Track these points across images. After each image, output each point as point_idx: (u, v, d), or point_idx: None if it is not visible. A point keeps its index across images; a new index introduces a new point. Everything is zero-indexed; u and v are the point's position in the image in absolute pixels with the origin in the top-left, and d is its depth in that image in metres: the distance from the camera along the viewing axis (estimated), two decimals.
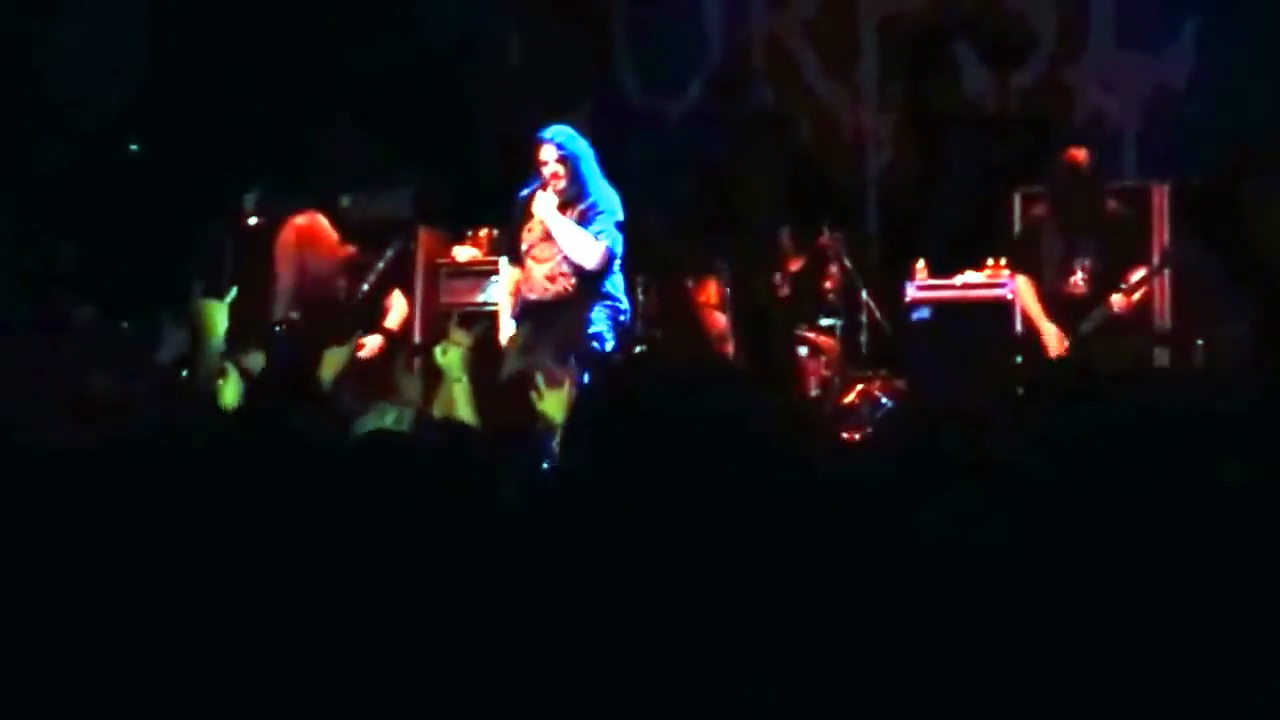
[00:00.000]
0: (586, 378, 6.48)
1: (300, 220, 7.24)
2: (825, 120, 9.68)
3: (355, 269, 7.25)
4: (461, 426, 4.78)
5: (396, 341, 7.42)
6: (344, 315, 7.16)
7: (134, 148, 8.70)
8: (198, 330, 7.30)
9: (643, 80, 10.07)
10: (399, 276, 7.47)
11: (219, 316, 7.31)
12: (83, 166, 8.98)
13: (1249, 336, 7.64)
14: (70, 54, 9.15)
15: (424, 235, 8.72)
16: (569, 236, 6.71)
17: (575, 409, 2.66)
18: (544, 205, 6.74)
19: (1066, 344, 7.25)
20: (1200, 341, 7.76)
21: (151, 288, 8.17)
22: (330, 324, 7.10)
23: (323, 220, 7.29)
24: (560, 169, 6.76)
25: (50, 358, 7.61)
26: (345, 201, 8.08)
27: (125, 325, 8.16)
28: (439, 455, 2.55)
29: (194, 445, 2.50)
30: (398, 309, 7.41)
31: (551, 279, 6.81)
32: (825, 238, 8.61)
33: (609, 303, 6.81)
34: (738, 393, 2.19)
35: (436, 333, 7.91)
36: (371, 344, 7.26)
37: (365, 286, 7.18)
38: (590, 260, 6.72)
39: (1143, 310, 7.51)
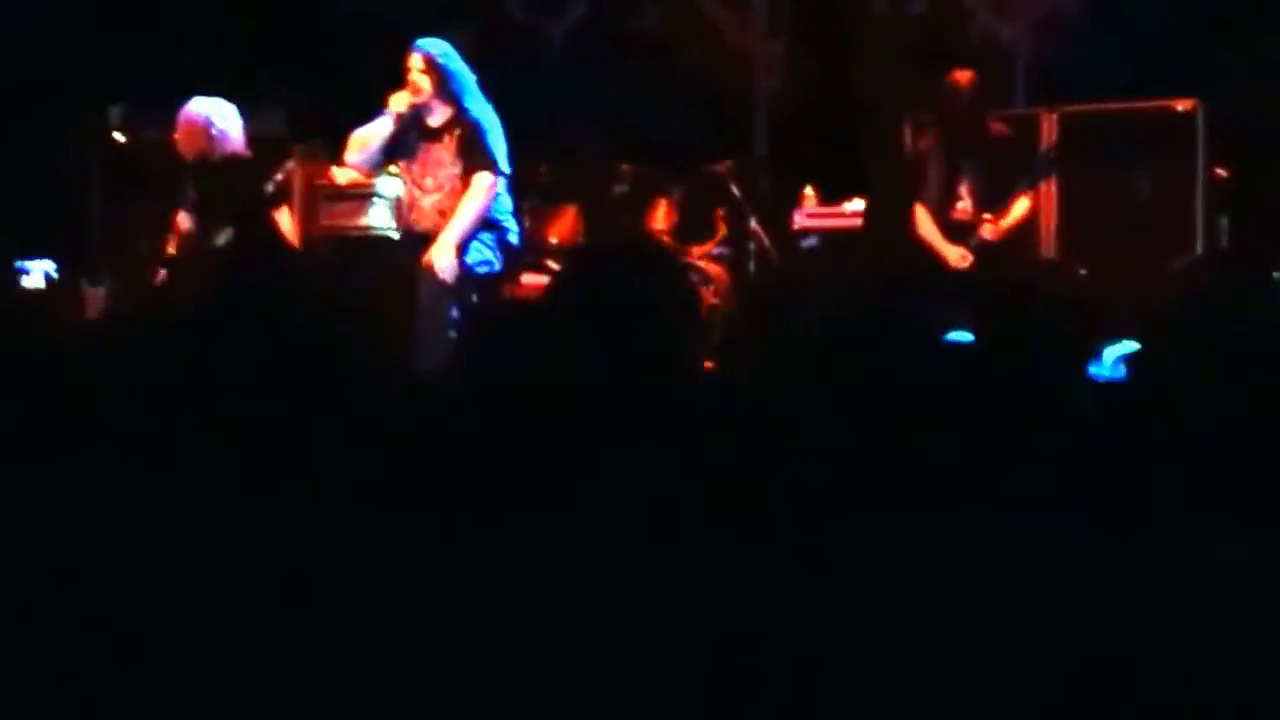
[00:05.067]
0: (475, 299, 6.44)
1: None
2: (714, 42, 9.54)
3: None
4: None
5: None
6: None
7: None
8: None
9: None
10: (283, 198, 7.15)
11: None
12: None
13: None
14: None
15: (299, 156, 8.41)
16: (468, 220, 6.51)
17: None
18: (439, 255, 6.42)
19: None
20: (1083, 272, 7.74)
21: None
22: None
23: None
24: (424, 80, 6.60)
25: None
26: None
27: None
28: None
29: None
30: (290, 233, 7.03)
31: (442, 212, 6.64)
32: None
33: (496, 228, 6.68)
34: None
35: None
36: None
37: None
38: (488, 199, 6.57)
39: (1025, 238, 7.46)
